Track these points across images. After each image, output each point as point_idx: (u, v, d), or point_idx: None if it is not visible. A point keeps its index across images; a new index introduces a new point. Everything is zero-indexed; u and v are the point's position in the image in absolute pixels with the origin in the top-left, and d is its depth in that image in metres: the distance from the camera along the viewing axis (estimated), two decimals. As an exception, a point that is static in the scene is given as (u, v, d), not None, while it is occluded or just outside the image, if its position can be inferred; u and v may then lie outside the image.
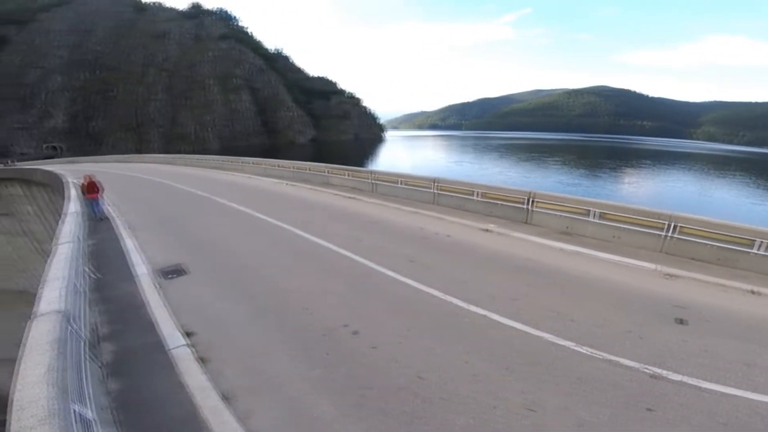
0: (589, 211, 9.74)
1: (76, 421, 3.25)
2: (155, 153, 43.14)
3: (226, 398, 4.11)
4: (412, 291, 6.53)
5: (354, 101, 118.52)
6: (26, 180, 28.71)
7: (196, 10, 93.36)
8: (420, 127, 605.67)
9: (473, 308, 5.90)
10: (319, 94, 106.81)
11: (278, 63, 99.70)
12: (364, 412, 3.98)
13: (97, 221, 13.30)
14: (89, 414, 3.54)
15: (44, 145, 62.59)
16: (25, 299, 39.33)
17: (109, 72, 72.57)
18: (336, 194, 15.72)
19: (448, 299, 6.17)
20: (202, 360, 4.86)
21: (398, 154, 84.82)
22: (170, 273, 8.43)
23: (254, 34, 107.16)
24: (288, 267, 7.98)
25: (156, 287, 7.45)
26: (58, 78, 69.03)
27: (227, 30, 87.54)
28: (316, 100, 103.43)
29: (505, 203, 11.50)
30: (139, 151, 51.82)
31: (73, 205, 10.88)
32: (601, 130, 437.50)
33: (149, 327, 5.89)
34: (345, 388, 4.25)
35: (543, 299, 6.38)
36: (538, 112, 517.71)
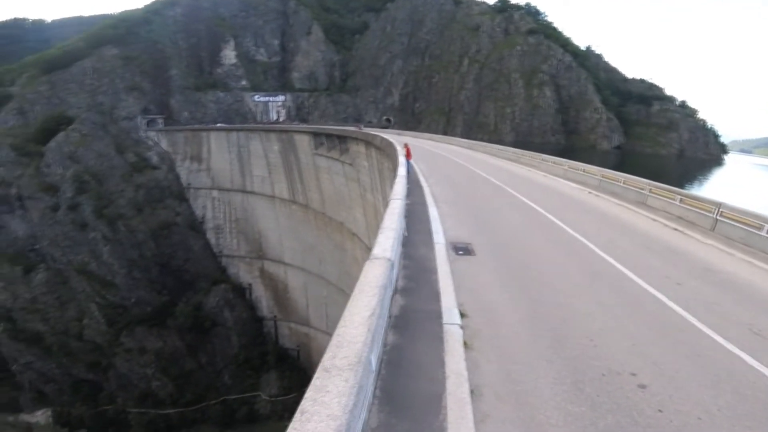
0: None
1: (367, 371, 3.32)
2: (457, 137, 47.72)
3: (472, 393, 3.95)
4: (743, 367, 5.10)
5: (685, 111, 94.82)
6: (368, 142, 36.57)
7: (504, 4, 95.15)
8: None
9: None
10: (637, 98, 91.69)
11: (589, 61, 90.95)
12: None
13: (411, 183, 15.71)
14: (374, 364, 3.60)
15: (383, 118, 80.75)
16: (339, 229, 53.31)
17: (434, 60, 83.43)
18: (653, 219, 12.78)
19: (798, 393, 4.58)
20: (465, 345, 4.82)
21: (742, 187, 62.63)
22: (461, 249, 8.83)
23: (563, 30, 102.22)
24: (579, 285, 7.18)
25: (447, 259, 7.79)
26: (399, 62, 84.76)
27: (535, 25, 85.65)
28: (631, 104, 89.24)
29: None
30: (444, 134, 58.71)
31: (403, 170, 12.81)
32: None
33: (434, 295, 6.10)
34: (604, 439, 3.69)
35: None
36: None
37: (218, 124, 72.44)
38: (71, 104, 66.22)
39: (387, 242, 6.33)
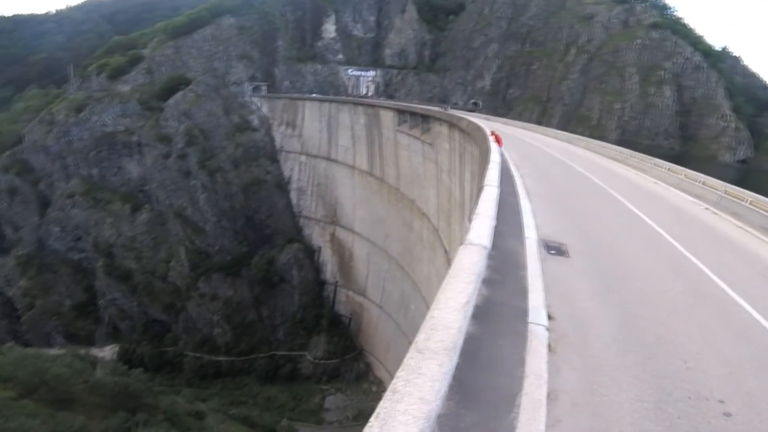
0: None
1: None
2: (553, 128, 44.56)
3: (548, 396, 3.86)
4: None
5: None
6: (453, 124, 35.69)
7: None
8: None
9: None
10: (778, 109, 77.74)
11: (723, 63, 78.53)
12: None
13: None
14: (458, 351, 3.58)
15: (471, 101, 78.06)
16: (409, 207, 53.55)
17: (535, 47, 78.36)
18: (781, 247, 11.01)
19: None
20: (549, 348, 4.71)
21: None
22: (553, 249, 8.44)
23: (694, 27, 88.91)
24: (682, 305, 6.71)
25: (538, 257, 7.51)
26: (495, 46, 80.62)
27: (660, 19, 76.02)
28: (770, 114, 75.97)
29: None
30: (538, 123, 55.28)
31: (496, 156, 12.28)
32: None
33: (521, 291, 5.92)
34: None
35: None
36: None
37: (313, 95, 76.14)
38: (191, 67, 74.16)
39: (483, 229, 6.23)
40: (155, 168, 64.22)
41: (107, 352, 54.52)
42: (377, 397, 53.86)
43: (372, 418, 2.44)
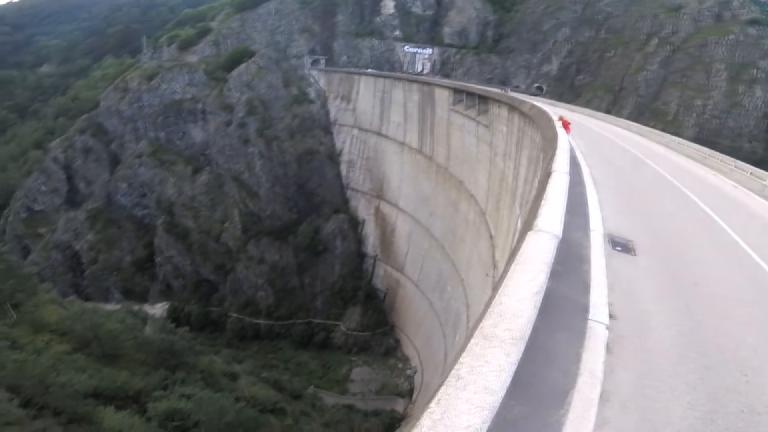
0: None
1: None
2: (624, 119, 41.72)
3: (600, 397, 3.81)
4: None
5: None
6: (513, 107, 34.27)
7: (724, -12, 76.77)
8: None
9: None
10: None
11: None
12: None
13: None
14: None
15: (534, 85, 74.28)
16: (457, 188, 52.68)
17: (612, 34, 72.99)
18: None
19: None
20: (607, 347, 4.58)
21: None
22: (618, 245, 8.14)
23: None
24: (752, 317, 6.34)
25: (603, 252, 7.26)
26: (567, 30, 75.46)
27: (760, 15, 67.89)
28: None
29: None
30: (608, 113, 51.94)
31: (564, 142, 11.83)
32: None
33: (583, 286, 5.76)
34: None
35: None
36: None
37: (369, 70, 76.02)
38: (254, 40, 76.33)
39: (555, 216, 6.07)
40: (217, 134, 67.76)
41: (158, 309, 57.31)
42: (402, 373, 54.71)
43: (432, 404, 2.39)
